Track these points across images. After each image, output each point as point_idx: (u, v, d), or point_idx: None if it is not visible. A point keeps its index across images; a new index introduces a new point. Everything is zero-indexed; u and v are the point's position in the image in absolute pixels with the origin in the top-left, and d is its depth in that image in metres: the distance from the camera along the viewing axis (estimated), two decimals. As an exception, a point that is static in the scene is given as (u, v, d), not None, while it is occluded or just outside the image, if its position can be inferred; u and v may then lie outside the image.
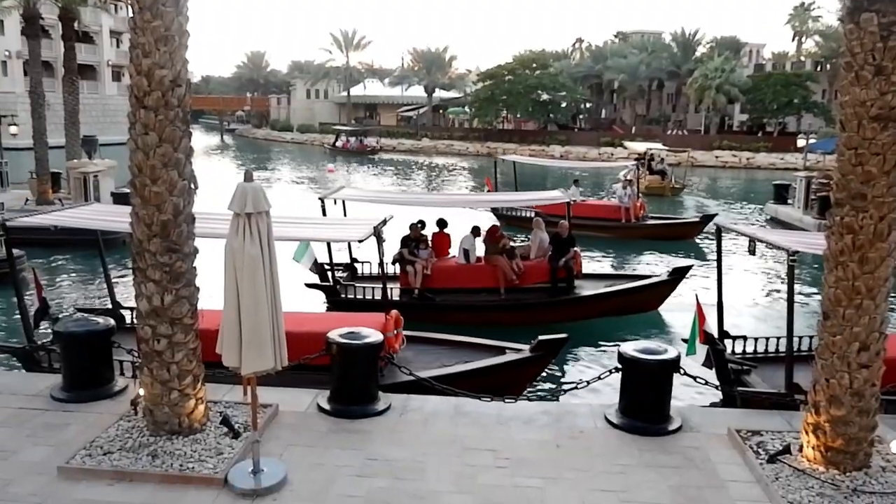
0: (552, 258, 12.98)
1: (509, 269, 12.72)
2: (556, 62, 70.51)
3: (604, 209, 22.94)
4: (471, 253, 13.11)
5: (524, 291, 12.89)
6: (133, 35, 5.92)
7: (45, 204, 21.13)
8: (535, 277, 13.03)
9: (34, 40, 23.67)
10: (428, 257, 12.77)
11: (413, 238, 12.81)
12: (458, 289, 12.82)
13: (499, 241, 13.00)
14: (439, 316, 12.00)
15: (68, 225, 9.52)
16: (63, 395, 7.39)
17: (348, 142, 62.71)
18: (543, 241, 13.51)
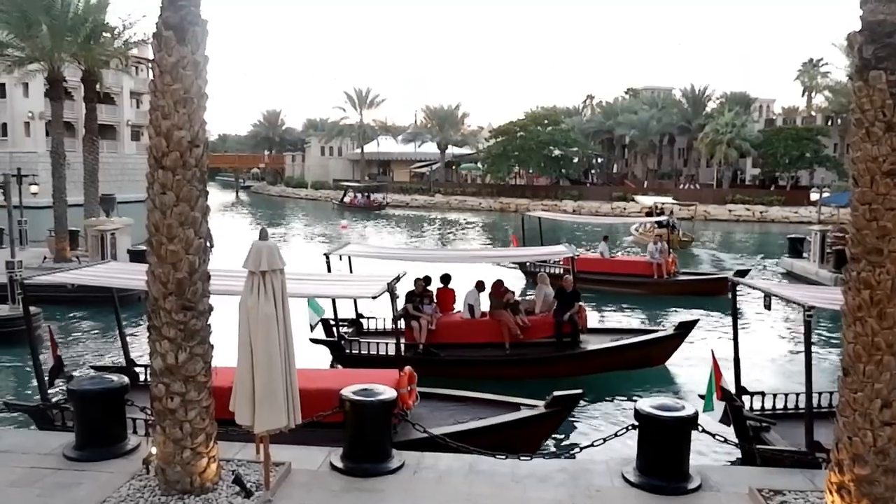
0: (557, 312, 12.94)
1: (514, 324, 12.70)
2: (567, 118, 71.56)
3: (634, 265, 22.86)
4: (475, 308, 13.14)
5: (529, 346, 12.83)
6: (153, 97, 6.10)
7: (62, 261, 21.42)
8: (540, 332, 12.98)
9: (57, 102, 24.36)
10: (433, 312, 12.79)
11: (418, 293, 12.87)
12: (462, 344, 12.79)
13: (503, 296, 13.01)
14: (444, 371, 11.92)
15: (85, 283, 9.63)
16: (75, 454, 7.34)
17: (356, 198, 63.05)
18: (548, 296, 13.53)
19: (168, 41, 5.99)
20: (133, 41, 25.62)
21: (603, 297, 20.41)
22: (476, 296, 13.17)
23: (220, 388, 6.48)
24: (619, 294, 20.83)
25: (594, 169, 79.50)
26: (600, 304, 19.90)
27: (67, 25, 23.25)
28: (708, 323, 17.60)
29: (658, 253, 22.10)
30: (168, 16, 6.01)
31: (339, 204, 64.30)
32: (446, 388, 9.80)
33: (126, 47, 26.02)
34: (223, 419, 6.48)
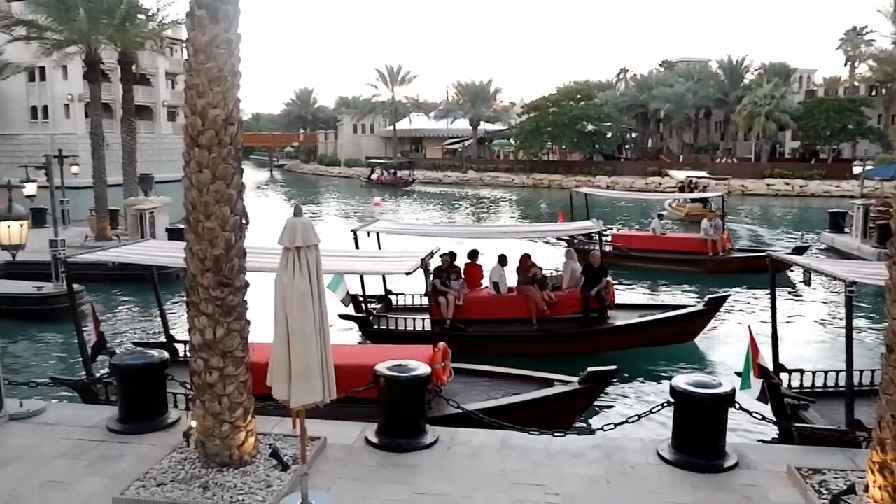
0: (584, 288, 12.87)
1: (541, 300, 12.67)
2: (600, 92, 70.40)
3: (688, 242, 22.34)
4: (501, 284, 13.14)
5: (556, 322, 12.81)
6: (188, 76, 6.15)
7: (103, 240, 21.91)
8: (568, 308, 12.95)
9: (95, 84, 24.78)
10: (460, 288, 12.82)
11: (444, 269, 12.90)
12: (489, 319, 12.82)
13: (529, 271, 12.97)
14: (471, 346, 11.94)
15: (125, 261, 9.84)
16: (119, 427, 7.56)
17: (383, 175, 63.94)
18: (575, 272, 13.47)
19: (201, 20, 6.01)
20: (167, 22, 25.82)
21: (655, 276, 20.08)
22: (500, 272, 13.20)
23: (257, 363, 6.59)
24: (673, 272, 20.39)
25: (628, 144, 78.31)
26: (653, 282, 19.58)
27: (104, 8, 23.50)
28: (750, 299, 17.32)
29: (712, 229, 21.54)
30: (201, -6, 6.02)
31: (366, 181, 65.14)
32: (477, 364, 9.82)
33: (160, 28, 26.23)
34: (260, 394, 6.60)
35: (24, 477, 6.57)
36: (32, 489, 6.33)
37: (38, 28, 24.48)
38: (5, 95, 54.36)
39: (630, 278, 19.71)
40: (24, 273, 16.78)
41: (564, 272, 13.64)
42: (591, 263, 13.04)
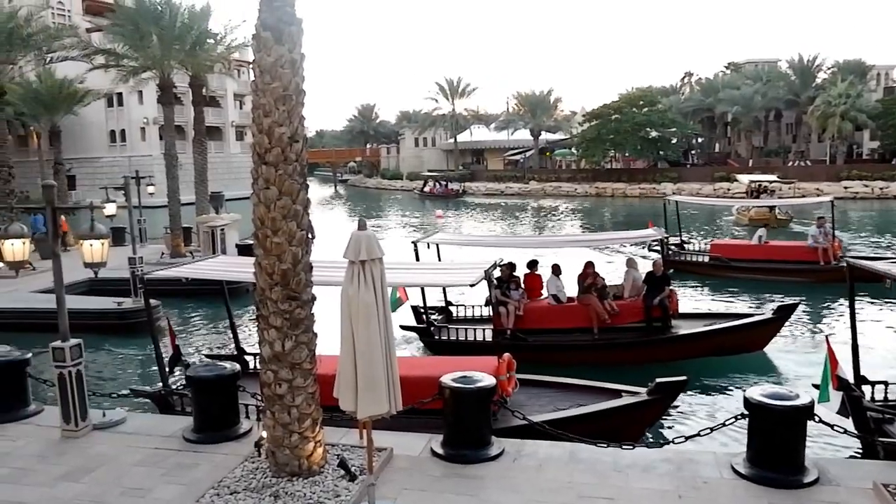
0: (646, 297, 12.64)
1: (602, 309, 12.48)
2: (664, 98, 69.10)
3: (795, 251, 21.01)
4: (559, 294, 13.02)
5: (618, 331, 12.62)
6: (255, 96, 6.36)
7: (178, 257, 22.74)
8: (630, 317, 12.76)
9: (168, 107, 25.87)
10: (520, 298, 12.76)
11: (504, 279, 12.87)
12: (550, 329, 12.71)
13: (592, 280, 12.79)
14: (532, 356, 11.84)
15: (198, 276, 10.19)
16: (193, 437, 7.82)
17: (435, 187, 66.16)
18: (637, 280, 13.27)
19: (266, 41, 6.21)
20: (234, 45, 26.75)
21: (759, 286, 19.04)
22: (556, 282, 13.14)
23: (325, 375, 6.70)
24: (780, 283, 19.23)
25: (694, 149, 76.42)
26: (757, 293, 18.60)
27: (175, 35, 24.56)
28: (830, 307, 16.56)
29: (822, 237, 20.13)
30: (265, 17, 6.23)
31: (419, 193, 67.35)
32: (540, 374, 9.73)
33: (228, 52, 27.20)
34: (328, 405, 6.71)
35: (107, 483, 6.86)
36: (115, 496, 6.60)
37: (115, 56, 25.74)
38: (86, 121, 57.17)
39: (732, 289, 18.95)
40: (106, 289, 17.62)
41: (626, 281, 13.44)
42: (654, 272, 12.83)
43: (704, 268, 20.12)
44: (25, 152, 57.15)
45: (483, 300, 10.33)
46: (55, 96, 36.62)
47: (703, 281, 19.86)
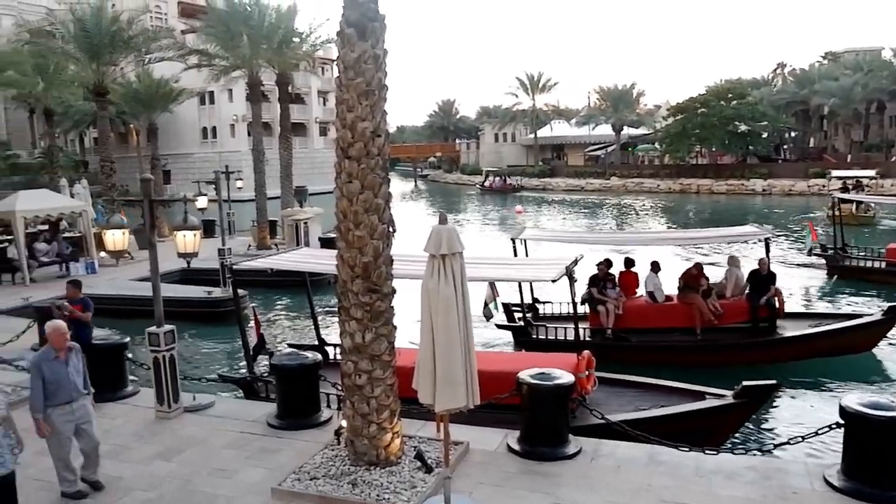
0: (752, 296, 12.14)
1: (707, 309, 12.04)
2: (754, 90, 66.16)
3: None
4: (657, 292, 12.62)
5: (721, 331, 12.16)
6: (338, 92, 6.49)
7: (263, 249, 23.51)
8: (733, 317, 12.29)
9: (256, 104, 26.78)
10: (618, 296, 12.44)
11: (601, 277, 12.56)
12: (649, 329, 12.35)
13: (697, 280, 12.37)
14: (633, 356, 11.62)
15: (282, 267, 10.50)
16: (277, 423, 8.10)
17: (494, 181, 67.46)
18: (740, 279, 12.74)
19: (350, 38, 6.32)
20: (319, 43, 27.41)
21: None
22: (655, 279, 12.67)
23: (403, 367, 6.79)
24: None
25: (786, 144, 72.91)
26: None
27: (263, 34, 25.39)
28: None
29: None
30: (349, 14, 6.35)
31: (480, 187, 68.58)
32: (628, 374, 9.52)
33: (313, 49, 27.88)
34: (405, 397, 6.80)
35: (196, 464, 7.19)
36: (202, 476, 6.91)
37: (207, 56, 26.88)
38: (180, 118, 59.82)
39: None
40: (197, 279, 18.45)
41: (728, 280, 12.92)
42: (759, 270, 12.30)
43: (879, 275, 17.97)
44: (125, 148, 60.35)
45: (568, 297, 10.10)
46: (153, 95, 38.54)
47: (880, 291, 17.38)
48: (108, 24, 26.74)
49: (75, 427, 6.40)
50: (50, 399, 6.24)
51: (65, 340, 6.43)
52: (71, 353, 6.46)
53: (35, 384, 6.25)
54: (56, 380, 6.27)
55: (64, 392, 6.30)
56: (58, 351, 6.35)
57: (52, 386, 6.25)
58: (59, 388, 6.28)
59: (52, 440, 6.33)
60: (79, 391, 6.44)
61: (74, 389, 6.38)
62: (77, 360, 6.51)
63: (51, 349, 6.36)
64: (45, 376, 6.22)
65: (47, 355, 6.33)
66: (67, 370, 6.34)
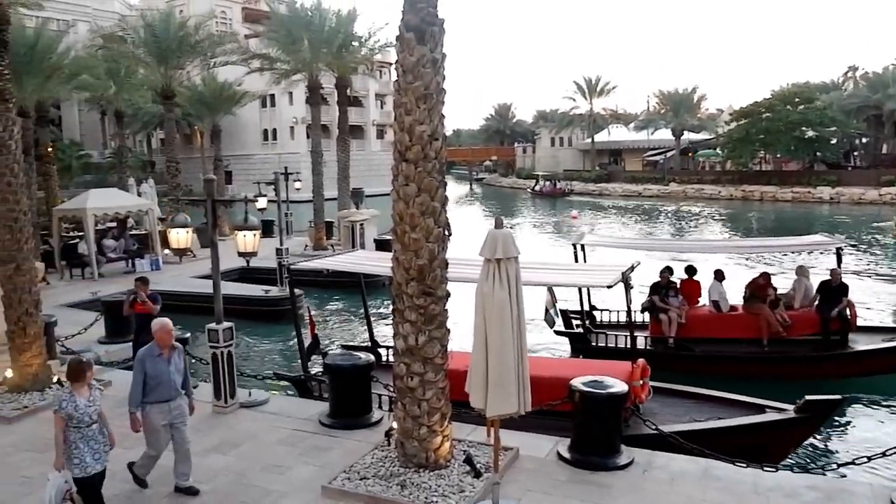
0: (822, 308, 11.70)
1: (774, 320, 11.67)
2: (823, 94, 63.83)
3: None
4: (721, 301, 12.25)
5: (789, 343, 11.76)
6: (397, 95, 6.55)
7: (320, 249, 23.90)
8: (803, 329, 11.88)
9: (315, 107, 27.25)
10: (680, 305, 12.16)
11: (663, 285, 12.29)
12: (713, 339, 12.02)
13: (765, 290, 11.99)
14: (696, 367, 11.34)
15: (337, 268, 10.65)
16: (329, 422, 8.21)
17: (545, 186, 68.25)
18: (809, 290, 12.30)
19: (409, 42, 6.37)
20: (377, 47, 27.73)
21: None
22: (720, 288, 12.33)
23: (455, 371, 6.79)
24: None
25: (857, 151, 70.08)
26: None
27: (323, 38, 25.84)
28: None
29: None
30: (409, 18, 6.39)
31: (531, 191, 69.39)
32: (686, 385, 9.29)
33: (371, 53, 28.23)
34: (457, 401, 6.79)
35: (250, 459, 7.34)
36: (256, 471, 7.05)
37: (269, 60, 27.53)
38: (242, 121, 61.33)
39: None
40: (255, 277, 18.87)
41: (797, 290, 12.50)
42: (831, 282, 11.87)
43: None
44: (190, 149, 62.27)
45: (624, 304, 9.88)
46: (217, 98, 39.65)
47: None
48: (176, 29, 27.69)
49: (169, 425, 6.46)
50: (148, 395, 6.32)
51: (171, 338, 6.49)
52: (174, 352, 6.53)
53: (136, 378, 6.32)
54: (157, 376, 6.33)
55: (164, 390, 6.36)
56: (162, 348, 6.42)
57: (153, 382, 6.31)
58: (160, 385, 6.34)
59: (151, 435, 6.43)
60: (178, 390, 6.51)
61: (174, 388, 6.45)
62: (179, 359, 6.58)
63: (155, 346, 6.44)
64: (147, 372, 6.30)
65: (152, 351, 6.41)
66: (169, 369, 6.41)
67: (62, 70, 26.17)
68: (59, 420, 5.55)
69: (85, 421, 5.56)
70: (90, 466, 5.59)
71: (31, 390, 9.42)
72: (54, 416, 5.59)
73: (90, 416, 5.60)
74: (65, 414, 5.51)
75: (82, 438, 5.57)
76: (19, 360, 9.55)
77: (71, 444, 5.55)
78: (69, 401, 5.55)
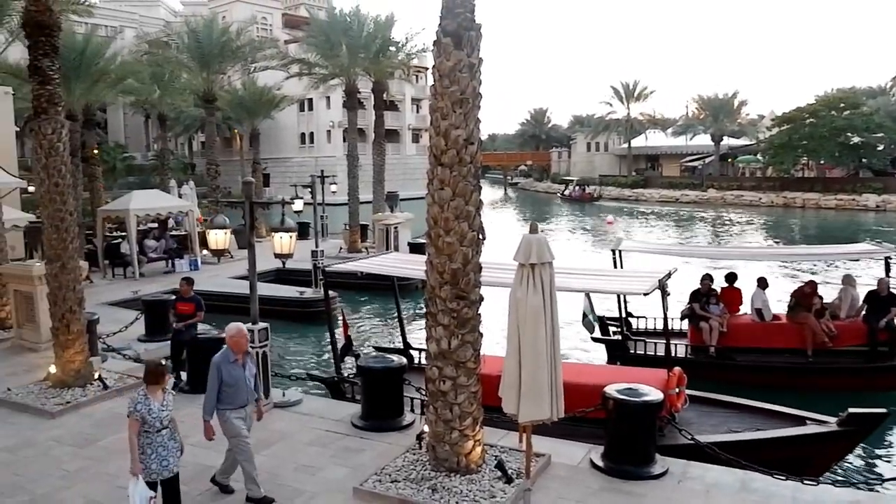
0: (869, 318, 11.40)
1: (820, 330, 11.39)
2: (870, 100, 62.23)
3: None
4: (765, 310, 11.99)
5: (834, 354, 11.45)
6: (433, 100, 6.56)
7: (354, 252, 24.08)
8: (848, 339, 11.56)
9: (352, 111, 27.48)
10: (721, 313, 11.94)
11: (703, 293, 12.08)
12: (755, 348, 11.76)
13: (811, 299, 11.73)
14: (738, 376, 11.12)
15: (371, 271, 10.70)
16: (361, 423, 8.26)
17: (574, 190, 68.80)
18: (855, 300, 12.00)
19: (446, 47, 6.39)
20: (414, 52, 27.87)
21: None
22: (763, 296, 12.06)
23: (487, 375, 6.77)
24: None
25: (904, 158, 68.13)
26: None
27: (361, 44, 26.09)
28: None
29: None
30: (446, 23, 6.41)
31: (561, 196, 70.13)
32: (726, 395, 9.10)
33: (408, 58, 28.39)
34: (489, 405, 6.77)
35: (283, 458, 7.42)
36: (289, 470, 7.12)
37: (308, 65, 27.86)
38: (281, 124, 62.21)
39: None
40: (290, 279, 19.08)
41: (843, 300, 12.19)
42: (878, 291, 11.57)
43: None
44: (229, 152, 63.32)
45: (661, 312, 9.72)
46: (256, 102, 40.33)
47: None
48: (218, 35, 28.21)
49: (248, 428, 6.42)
50: (225, 402, 6.27)
51: (246, 343, 6.44)
52: (248, 356, 6.49)
53: (212, 385, 6.22)
54: (234, 383, 6.27)
55: (241, 396, 6.32)
56: (237, 353, 6.35)
57: (231, 389, 6.26)
58: (237, 392, 6.30)
59: (239, 444, 6.33)
60: (253, 395, 6.49)
61: (249, 394, 6.42)
62: (252, 364, 6.55)
63: (230, 351, 6.34)
64: (224, 379, 6.24)
65: (227, 357, 6.32)
66: (245, 374, 6.37)
67: (109, 75, 26.88)
68: (133, 423, 5.43)
69: (156, 426, 5.48)
70: (155, 473, 5.50)
71: (74, 386, 9.68)
72: (129, 420, 5.46)
73: (161, 421, 5.51)
74: (139, 417, 5.42)
75: (150, 444, 5.48)
76: (63, 357, 9.81)
77: (140, 450, 5.46)
78: (143, 403, 5.46)
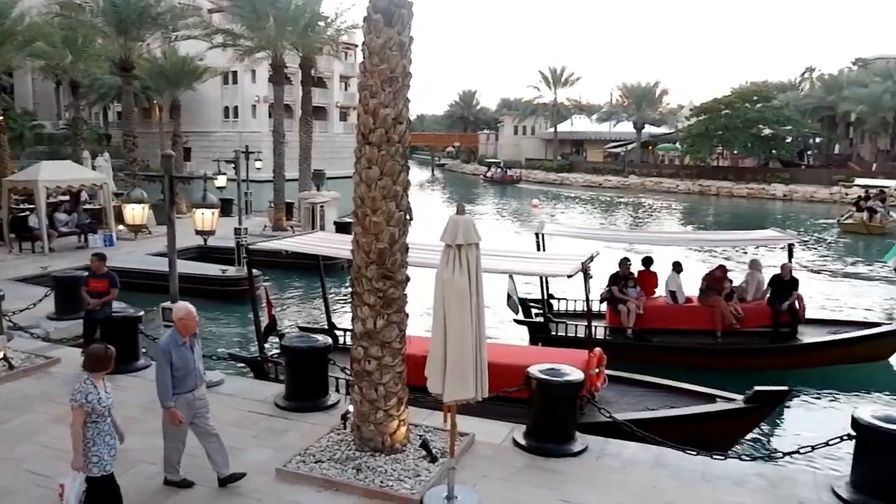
0: (774, 301, 12.07)
1: (729, 312, 11.96)
2: (781, 94, 65.29)
3: None
4: (678, 293, 12.50)
5: (741, 335, 12.08)
6: (362, 77, 6.46)
7: (279, 230, 23.62)
8: (755, 321, 12.21)
9: (279, 86, 26.81)
10: (638, 296, 12.36)
11: (622, 276, 12.47)
12: (668, 330, 12.26)
13: (721, 283, 12.28)
14: (652, 357, 11.57)
15: (297, 250, 10.53)
16: (284, 404, 8.14)
17: (496, 172, 70.71)
18: (761, 283, 12.68)
19: (377, 24, 6.28)
20: (344, 28, 27.35)
21: None
22: (677, 280, 12.57)
23: (413, 356, 6.79)
24: None
25: (810, 150, 71.98)
26: None
27: (289, 16, 25.37)
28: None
29: None
30: (377, 0, 6.30)
31: (483, 178, 72.24)
32: (641, 374, 9.46)
33: (337, 34, 27.83)
34: (413, 386, 6.80)
35: (204, 441, 7.21)
36: (210, 453, 6.93)
37: (233, 36, 26.93)
38: (203, 97, 60.00)
39: None
40: (213, 257, 18.55)
41: (750, 283, 12.84)
42: (782, 275, 12.24)
43: None
44: (148, 124, 60.73)
45: (581, 294, 9.92)
46: (177, 72, 38.70)
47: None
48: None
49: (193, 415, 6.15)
50: (176, 387, 5.97)
51: (195, 325, 6.13)
52: (195, 338, 6.21)
53: (164, 371, 5.92)
54: (183, 366, 5.99)
55: (190, 379, 6.05)
56: (185, 336, 6.07)
57: (180, 373, 5.97)
58: (187, 376, 6.01)
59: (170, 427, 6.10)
60: (202, 378, 6.23)
61: (198, 377, 6.16)
62: (198, 346, 6.27)
63: (178, 334, 6.05)
64: (174, 363, 5.94)
65: (176, 340, 6.03)
66: (193, 356, 6.10)
67: (16, 36, 25.19)
68: (81, 414, 5.00)
69: (105, 415, 5.14)
70: (108, 464, 5.18)
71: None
72: (74, 411, 5.01)
73: (108, 409, 5.18)
74: (90, 408, 5.01)
75: (99, 434, 5.11)
76: (-38, 336, 9.23)
77: (89, 441, 5.07)
78: (94, 392, 5.04)
